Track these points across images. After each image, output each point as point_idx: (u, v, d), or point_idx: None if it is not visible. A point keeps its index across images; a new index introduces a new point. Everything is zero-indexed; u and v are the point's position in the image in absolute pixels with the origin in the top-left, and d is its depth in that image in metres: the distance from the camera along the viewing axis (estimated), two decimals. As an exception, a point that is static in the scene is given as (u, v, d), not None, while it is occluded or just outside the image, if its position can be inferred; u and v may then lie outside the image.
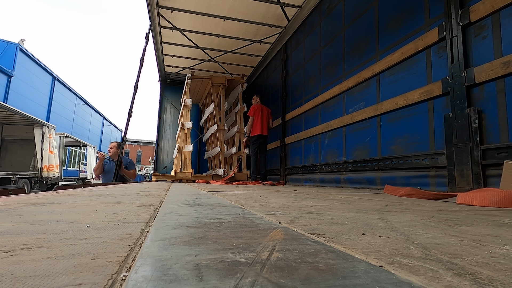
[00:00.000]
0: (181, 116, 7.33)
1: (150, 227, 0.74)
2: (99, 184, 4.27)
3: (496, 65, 2.17)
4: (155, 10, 5.76)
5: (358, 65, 3.89)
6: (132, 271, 0.39)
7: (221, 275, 0.37)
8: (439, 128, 2.65)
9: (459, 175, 2.37)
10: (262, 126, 5.99)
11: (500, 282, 0.36)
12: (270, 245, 0.54)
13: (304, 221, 0.86)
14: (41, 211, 0.99)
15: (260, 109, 6.05)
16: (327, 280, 0.36)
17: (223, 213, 1.01)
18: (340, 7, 4.48)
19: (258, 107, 6.08)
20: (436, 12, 2.78)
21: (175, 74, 9.39)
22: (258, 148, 6.01)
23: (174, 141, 8.86)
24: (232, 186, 3.79)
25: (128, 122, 5.95)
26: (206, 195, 1.91)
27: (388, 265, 0.43)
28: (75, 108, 20.73)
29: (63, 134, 11.90)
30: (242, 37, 6.79)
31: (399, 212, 1.13)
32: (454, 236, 0.67)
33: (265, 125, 6.05)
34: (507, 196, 1.38)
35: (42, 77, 16.13)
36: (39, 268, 0.40)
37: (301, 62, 5.74)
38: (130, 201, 1.45)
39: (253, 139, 5.99)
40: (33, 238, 0.58)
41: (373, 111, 3.51)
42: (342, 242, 0.58)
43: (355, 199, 1.76)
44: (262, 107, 6.11)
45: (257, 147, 6.00)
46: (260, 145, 6.00)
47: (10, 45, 13.37)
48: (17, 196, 1.71)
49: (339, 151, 4.26)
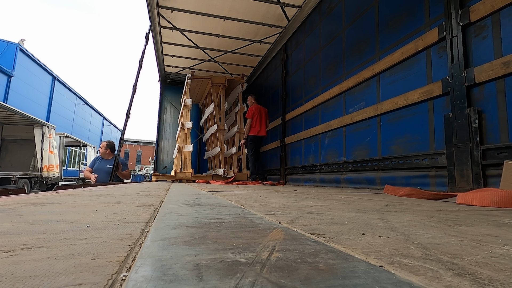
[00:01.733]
0: (181, 116, 7.33)
1: (150, 227, 0.74)
2: (99, 184, 4.27)
3: (496, 65, 2.17)
4: (155, 10, 5.76)
5: (358, 65, 3.89)
6: (132, 271, 0.39)
7: (221, 275, 0.37)
8: (439, 128, 2.64)
9: (459, 175, 2.37)
10: (260, 127, 6.02)
11: (500, 282, 0.36)
12: (270, 245, 0.54)
13: (304, 221, 0.86)
14: (41, 211, 0.99)
15: (258, 110, 6.07)
16: (327, 280, 0.36)
17: (223, 213, 1.01)
18: (340, 7, 4.48)
19: (256, 108, 6.09)
20: (436, 12, 2.78)
21: (175, 74, 9.39)
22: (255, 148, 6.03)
23: (174, 141, 8.86)
24: (232, 186, 3.79)
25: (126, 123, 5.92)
26: (206, 195, 1.91)
27: (388, 265, 0.43)
28: (75, 108, 20.73)
29: (63, 134, 11.90)
30: (242, 37, 6.79)
31: (399, 212, 1.13)
32: (454, 236, 0.67)
33: (263, 126, 6.08)
34: (507, 196, 1.38)
35: (42, 77, 16.13)
36: (39, 268, 0.40)
37: (301, 62, 5.74)
38: (130, 201, 1.45)
39: (250, 138, 6.01)
40: (33, 238, 0.58)
41: (373, 111, 3.51)
42: (342, 242, 0.58)
43: (355, 199, 1.76)
44: (259, 107, 6.13)
45: (255, 147, 6.01)
46: (256, 144, 6.03)
47: (10, 45, 13.37)
48: (17, 196, 1.71)
49: (339, 151, 4.26)
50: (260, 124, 6.04)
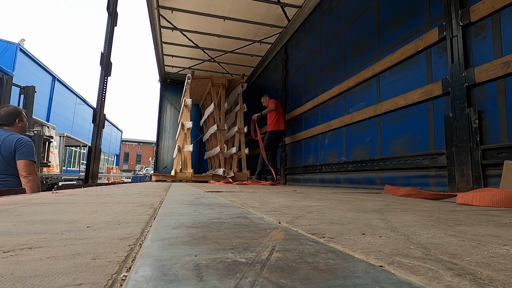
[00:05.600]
0: (181, 116, 7.34)
1: (150, 227, 0.74)
2: (99, 184, 4.28)
3: (496, 65, 2.17)
4: (155, 10, 5.76)
5: (358, 65, 3.89)
6: (132, 271, 0.39)
7: (221, 275, 0.37)
8: (439, 128, 2.64)
9: (459, 175, 2.37)
10: (283, 121, 5.81)
11: (500, 282, 0.36)
12: (270, 245, 0.54)
13: (304, 221, 0.86)
14: (41, 211, 0.99)
15: (279, 104, 5.89)
16: (327, 280, 0.36)
17: (223, 213, 1.01)
18: (340, 7, 4.48)
19: (277, 101, 5.88)
20: (436, 12, 2.78)
21: (175, 74, 9.40)
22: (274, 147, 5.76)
23: (174, 141, 8.87)
24: (232, 186, 3.79)
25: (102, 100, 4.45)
26: (206, 195, 1.91)
27: (388, 265, 0.43)
28: (75, 108, 20.73)
29: (63, 134, 11.91)
30: (242, 37, 6.79)
31: (399, 212, 1.13)
32: (454, 236, 0.67)
33: (282, 121, 5.84)
34: (507, 196, 1.38)
35: (42, 77, 16.13)
36: (39, 268, 0.40)
37: (301, 62, 5.74)
38: (130, 201, 1.45)
39: (273, 136, 5.73)
40: (33, 238, 0.58)
41: (373, 111, 3.51)
42: (342, 242, 0.58)
43: (355, 199, 1.76)
44: (278, 102, 5.93)
45: (275, 145, 5.74)
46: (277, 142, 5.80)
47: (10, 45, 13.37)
48: (17, 196, 1.71)
49: (339, 151, 4.26)
50: (281, 119, 5.79)
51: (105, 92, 4.43)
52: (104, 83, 4.39)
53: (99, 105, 4.32)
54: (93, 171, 4.30)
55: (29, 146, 2.53)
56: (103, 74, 4.37)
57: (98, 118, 4.28)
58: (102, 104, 4.35)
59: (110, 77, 4.49)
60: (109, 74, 4.47)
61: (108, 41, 4.45)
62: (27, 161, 2.49)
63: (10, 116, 2.63)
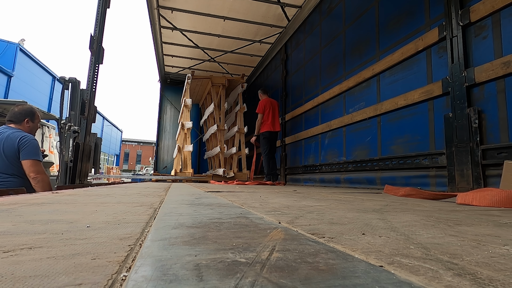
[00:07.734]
0: (181, 116, 7.34)
1: (150, 227, 0.74)
2: (99, 184, 4.27)
3: (496, 65, 2.17)
4: (155, 10, 5.76)
5: (358, 65, 3.89)
6: (132, 271, 0.39)
7: (221, 275, 0.37)
8: (439, 128, 2.64)
9: (459, 175, 2.37)
10: (273, 122, 5.55)
11: (500, 282, 0.36)
12: (270, 245, 0.54)
13: (304, 221, 0.86)
14: (41, 211, 0.99)
15: (270, 104, 5.58)
16: (327, 280, 0.36)
17: (223, 213, 1.01)
18: (340, 7, 4.48)
19: (267, 101, 5.61)
20: (436, 12, 2.78)
21: (175, 74, 9.40)
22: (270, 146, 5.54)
23: (174, 141, 8.87)
24: (232, 186, 3.79)
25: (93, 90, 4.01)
26: (206, 195, 1.91)
27: (388, 265, 0.43)
28: (75, 108, 20.70)
29: (63, 134, 11.88)
30: (242, 37, 6.79)
31: (399, 212, 1.13)
32: (454, 236, 0.67)
33: (277, 120, 5.59)
34: (507, 196, 1.38)
35: (42, 77, 16.14)
36: (39, 268, 0.40)
37: (301, 62, 5.74)
38: (130, 201, 1.45)
39: (264, 135, 5.54)
40: (33, 238, 0.58)
41: (373, 111, 3.51)
42: (342, 242, 0.58)
43: (355, 199, 1.76)
44: (270, 100, 5.67)
45: (270, 145, 5.52)
46: (271, 141, 5.56)
47: (10, 45, 13.38)
48: (17, 196, 1.71)
49: (339, 151, 4.26)
50: (274, 118, 5.52)
51: (95, 81, 3.90)
52: (95, 71, 3.85)
53: (88, 95, 3.79)
54: (81, 170, 3.71)
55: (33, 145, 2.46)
56: (93, 61, 3.82)
57: (87, 110, 3.71)
58: (92, 94, 3.82)
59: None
60: (101, 61, 3.93)
61: (99, 24, 3.88)
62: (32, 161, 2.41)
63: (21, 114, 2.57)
